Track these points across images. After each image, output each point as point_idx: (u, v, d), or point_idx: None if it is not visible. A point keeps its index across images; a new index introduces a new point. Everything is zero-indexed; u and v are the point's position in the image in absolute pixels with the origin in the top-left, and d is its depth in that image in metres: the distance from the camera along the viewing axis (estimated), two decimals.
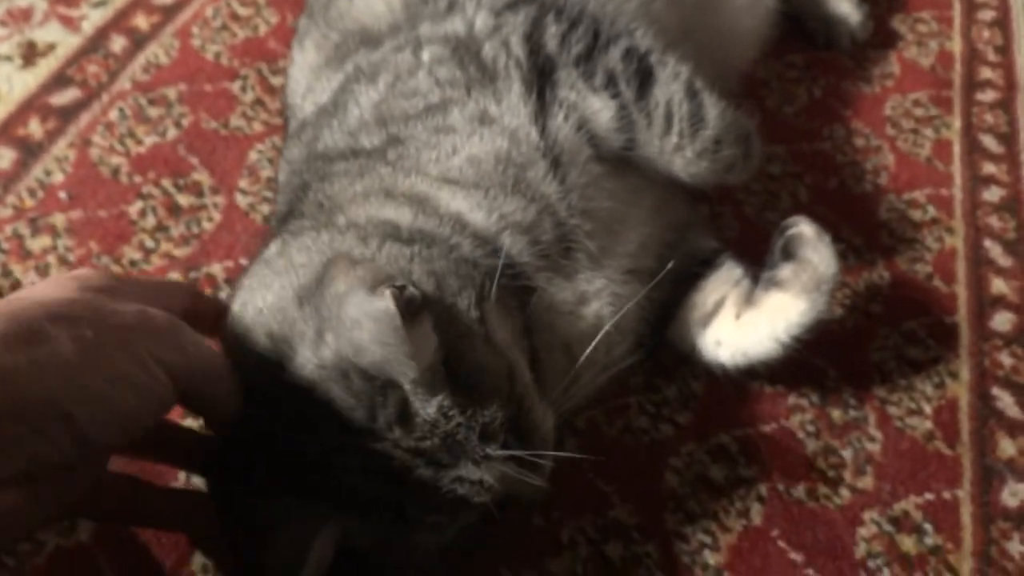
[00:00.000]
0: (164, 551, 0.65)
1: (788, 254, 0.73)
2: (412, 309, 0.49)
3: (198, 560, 0.65)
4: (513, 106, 0.68)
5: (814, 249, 0.72)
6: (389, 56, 0.73)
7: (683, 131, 0.72)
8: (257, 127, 0.95)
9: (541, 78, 0.70)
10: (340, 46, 0.80)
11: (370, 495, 0.52)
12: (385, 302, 0.47)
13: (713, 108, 0.74)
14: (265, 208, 0.87)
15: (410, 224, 0.62)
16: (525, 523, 0.68)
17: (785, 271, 0.72)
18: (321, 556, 0.51)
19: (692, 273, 0.76)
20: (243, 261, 0.82)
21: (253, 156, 0.92)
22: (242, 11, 1.09)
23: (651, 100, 0.72)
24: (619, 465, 0.72)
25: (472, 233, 0.63)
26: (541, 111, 0.68)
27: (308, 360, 0.51)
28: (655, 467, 0.73)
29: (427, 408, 0.51)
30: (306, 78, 0.81)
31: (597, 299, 0.69)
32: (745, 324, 0.72)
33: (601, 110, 0.70)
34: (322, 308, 0.51)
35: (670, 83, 0.73)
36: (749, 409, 0.77)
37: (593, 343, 0.65)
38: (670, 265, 0.71)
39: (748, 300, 0.74)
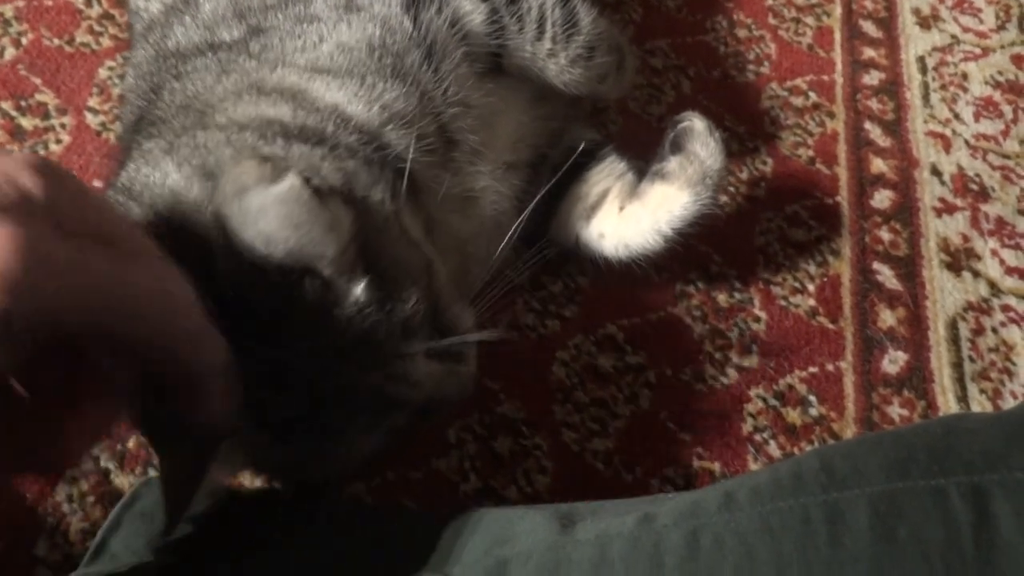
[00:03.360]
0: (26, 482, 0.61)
1: (677, 147, 0.72)
2: (322, 190, 0.46)
3: (63, 491, 0.61)
4: None
5: (702, 143, 0.71)
6: None
7: (556, 36, 0.70)
8: (106, 42, 0.88)
9: None
10: None
11: (284, 409, 0.47)
12: (289, 181, 0.44)
13: (586, 15, 0.73)
14: (118, 127, 0.81)
15: (291, 120, 0.57)
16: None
17: (672, 164, 0.71)
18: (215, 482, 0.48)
19: (574, 165, 0.74)
20: (97, 183, 0.76)
21: (103, 73, 0.85)
22: None
23: (523, 3, 0.70)
24: (505, 362, 0.71)
25: (356, 128, 0.58)
26: (412, 2, 0.65)
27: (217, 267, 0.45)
28: (542, 361, 0.72)
29: (349, 296, 0.46)
30: None
31: (483, 195, 0.66)
32: (628, 216, 0.71)
33: (472, 12, 0.67)
34: (223, 208, 0.45)
35: None
36: (636, 299, 0.76)
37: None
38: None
39: (633, 192, 0.72)
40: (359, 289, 0.47)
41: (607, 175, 0.74)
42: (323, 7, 0.63)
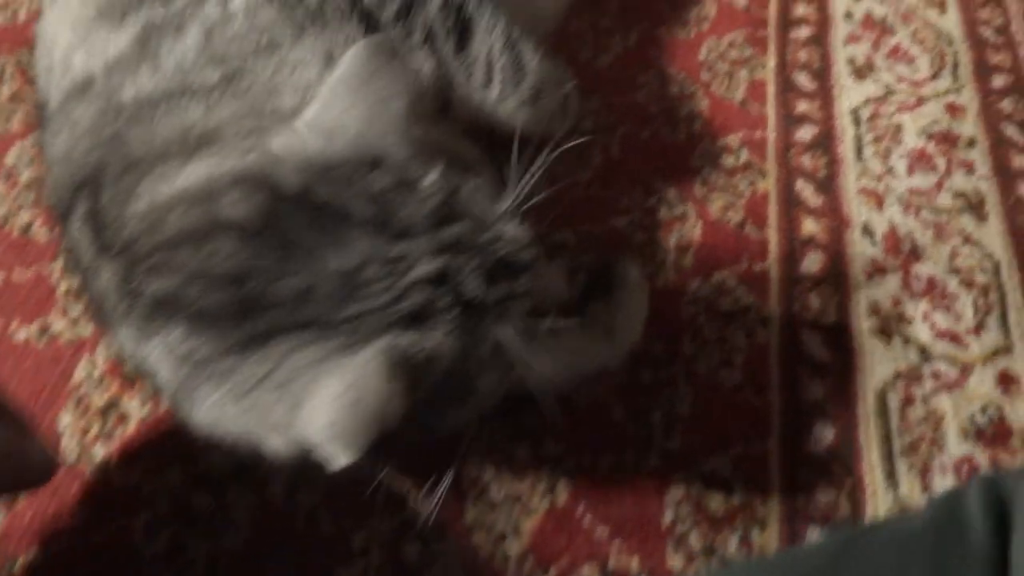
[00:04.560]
0: None
1: (601, 293, 0.70)
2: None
3: None
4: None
5: (630, 296, 0.71)
6: (189, 9, 0.67)
7: (504, 81, 0.73)
8: (15, 125, 0.86)
9: (370, 30, 0.68)
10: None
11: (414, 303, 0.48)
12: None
13: (532, 58, 0.75)
14: (24, 217, 0.79)
15: None
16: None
17: (593, 309, 0.69)
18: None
19: None
20: None
21: (10, 159, 0.83)
22: None
23: (470, 53, 0.72)
24: (414, 459, 0.68)
25: None
26: None
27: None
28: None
29: (427, 177, 0.50)
30: (71, 33, 0.73)
31: None
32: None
33: (421, 68, 0.70)
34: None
35: (489, 33, 0.74)
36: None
37: None
38: None
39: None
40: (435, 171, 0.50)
41: None
42: (305, 53, 0.64)
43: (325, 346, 0.46)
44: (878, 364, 0.78)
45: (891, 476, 0.72)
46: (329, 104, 0.51)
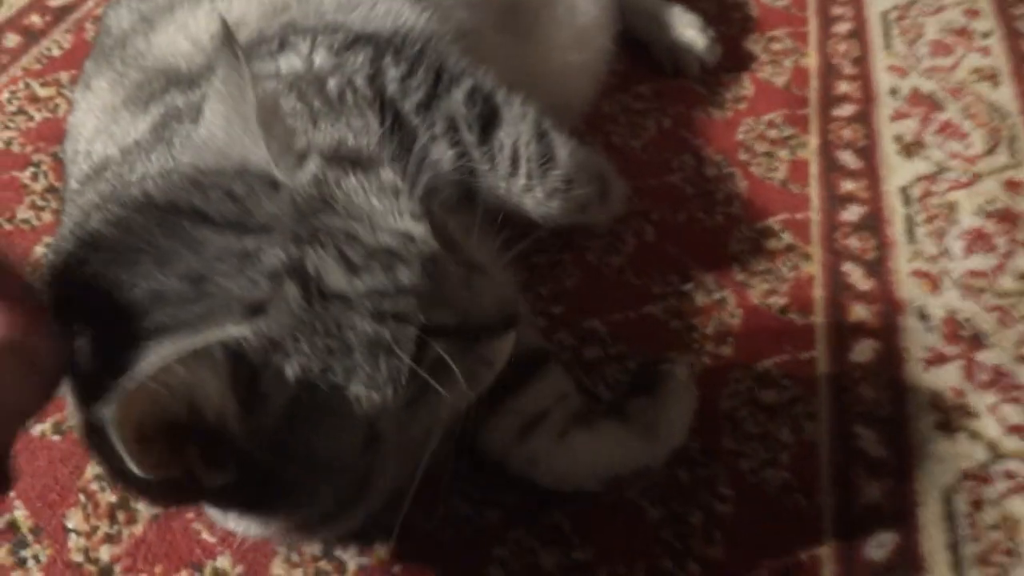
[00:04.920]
0: None
1: (646, 388, 0.66)
2: None
3: None
4: (376, 143, 0.63)
5: (677, 398, 0.66)
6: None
7: (531, 172, 0.69)
8: (47, 217, 0.87)
9: (394, 121, 0.66)
10: (143, 85, 0.73)
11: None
12: None
13: (563, 147, 0.72)
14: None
15: None
16: None
17: (636, 404, 0.65)
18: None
19: (512, 374, 0.69)
20: None
21: (39, 250, 0.84)
22: (43, 92, 1.01)
23: (495, 142, 0.69)
24: (436, 567, 0.64)
25: None
26: (400, 154, 0.63)
27: None
28: (480, 560, 0.65)
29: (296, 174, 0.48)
30: (97, 119, 0.73)
31: None
32: (570, 446, 0.64)
33: (440, 160, 0.66)
34: None
35: (517, 123, 0.71)
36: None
37: None
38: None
39: (579, 418, 0.66)
40: None
41: (548, 394, 0.68)
42: (315, 141, 0.61)
43: (172, 346, 0.42)
44: (941, 463, 0.71)
45: None
46: (202, 121, 0.50)
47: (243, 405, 0.42)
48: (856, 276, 0.86)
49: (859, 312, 0.83)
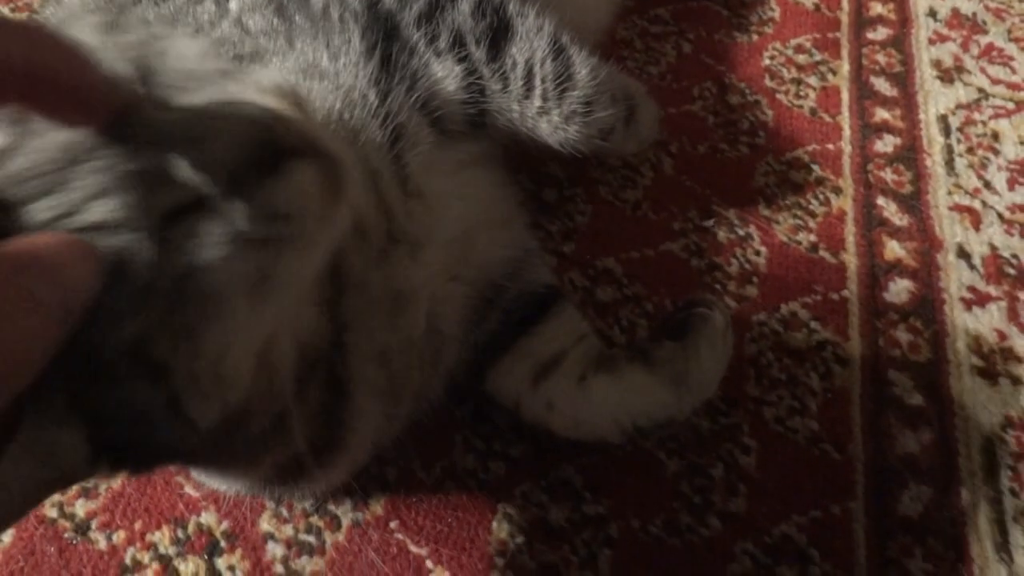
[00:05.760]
0: None
1: (679, 333, 0.61)
2: None
3: None
4: (352, 63, 0.56)
5: (711, 344, 0.60)
6: (184, 6, 0.60)
7: (547, 92, 0.62)
8: None
9: (387, 39, 0.58)
10: None
11: None
12: None
13: (583, 65, 0.64)
14: None
15: None
16: None
17: (665, 349, 0.60)
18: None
19: (523, 314, 0.63)
20: None
21: None
22: None
23: (507, 59, 0.62)
24: (435, 522, 0.59)
25: None
26: (385, 75, 0.57)
27: None
28: (483, 515, 0.60)
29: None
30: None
31: (416, 299, 0.55)
32: (590, 389, 0.59)
33: (445, 78, 0.59)
34: None
35: (532, 38, 0.63)
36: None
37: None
38: None
39: (600, 363, 0.60)
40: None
41: (564, 333, 0.63)
42: (284, 71, 0.54)
43: None
44: (983, 410, 0.66)
45: (1003, 548, 0.60)
46: None
47: None
48: (891, 211, 0.80)
49: (894, 249, 0.76)
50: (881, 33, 0.98)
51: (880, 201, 0.81)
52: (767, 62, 0.94)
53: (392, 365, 0.53)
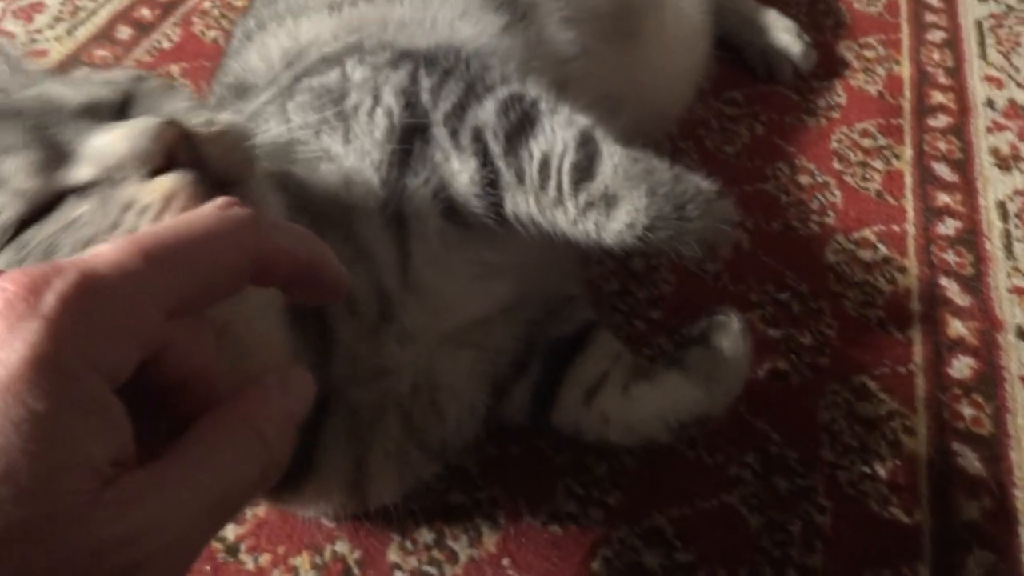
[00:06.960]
0: None
1: (702, 339, 0.68)
2: None
3: None
4: (361, 149, 0.59)
5: (732, 342, 0.67)
6: (260, 108, 0.67)
7: (561, 183, 0.58)
8: None
9: (418, 133, 0.60)
10: (221, 100, 0.75)
11: None
12: None
13: (611, 156, 0.58)
14: None
15: None
16: None
17: (693, 354, 0.67)
18: None
19: (565, 351, 0.69)
20: None
21: None
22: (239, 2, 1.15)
23: (524, 152, 0.59)
24: (542, 561, 0.66)
25: None
26: (404, 165, 0.59)
27: None
28: (584, 557, 0.67)
29: None
30: None
31: (399, 373, 0.60)
32: (634, 397, 0.66)
33: (460, 171, 0.58)
34: None
35: (558, 131, 0.60)
36: (685, 484, 0.71)
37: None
38: None
39: (638, 373, 0.67)
40: None
41: (604, 356, 0.69)
42: (301, 158, 0.58)
43: None
44: None
45: None
46: None
47: None
48: (953, 291, 0.86)
49: (957, 328, 0.83)
50: (942, 121, 1.05)
51: (943, 281, 0.87)
52: (835, 145, 1.01)
53: (363, 418, 0.58)
